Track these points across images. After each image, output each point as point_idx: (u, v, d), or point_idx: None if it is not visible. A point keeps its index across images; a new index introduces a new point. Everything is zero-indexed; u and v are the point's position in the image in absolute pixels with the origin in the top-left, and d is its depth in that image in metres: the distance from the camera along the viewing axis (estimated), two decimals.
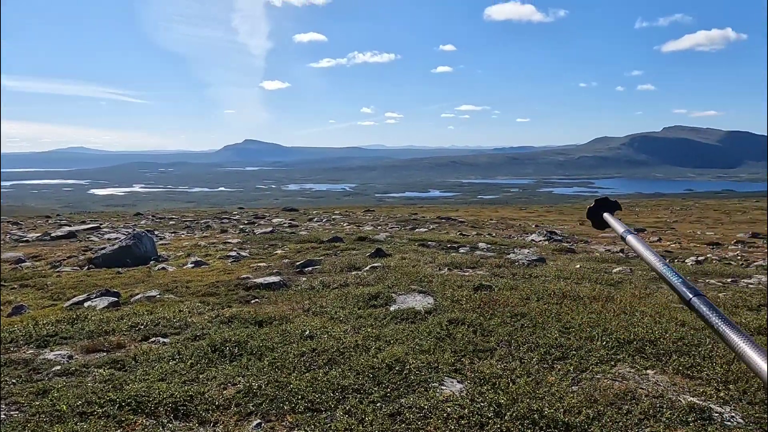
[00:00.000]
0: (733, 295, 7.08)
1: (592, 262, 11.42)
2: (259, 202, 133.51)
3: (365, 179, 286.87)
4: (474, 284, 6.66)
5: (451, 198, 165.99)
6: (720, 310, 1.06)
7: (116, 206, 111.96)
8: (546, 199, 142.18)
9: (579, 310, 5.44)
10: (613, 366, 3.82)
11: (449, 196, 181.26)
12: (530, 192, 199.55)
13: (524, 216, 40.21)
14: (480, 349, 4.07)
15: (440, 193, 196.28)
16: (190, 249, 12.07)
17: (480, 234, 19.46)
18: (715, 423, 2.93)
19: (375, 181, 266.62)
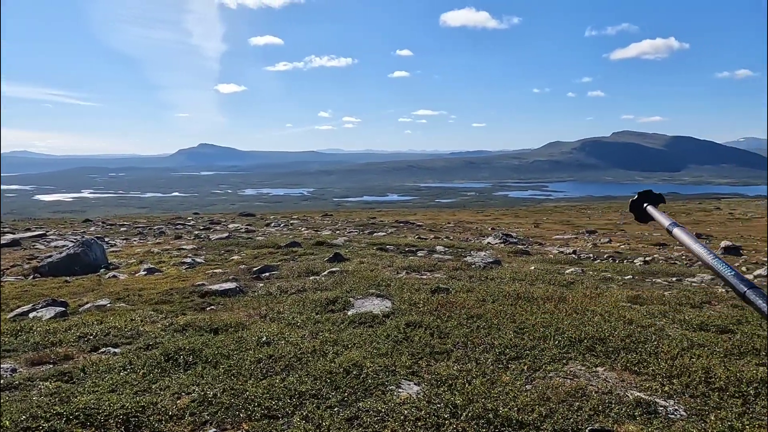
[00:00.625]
0: (678, 293, 7.38)
1: (546, 263, 11.70)
2: (215, 207, 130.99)
3: (323, 183, 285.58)
4: (431, 287, 6.73)
5: (409, 202, 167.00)
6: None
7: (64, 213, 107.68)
8: (502, 203, 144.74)
9: (533, 310, 5.57)
10: (565, 364, 3.93)
11: (407, 200, 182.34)
12: (486, 195, 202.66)
13: (481, 219, 40.84)
14: (437, 351, 4.12)
15: (398, 197, 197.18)
16: (143, 256, 11.75)
17: (438, 237, 19.66)
18: (660, 416, 3.06)
19: (333, 186, 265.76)
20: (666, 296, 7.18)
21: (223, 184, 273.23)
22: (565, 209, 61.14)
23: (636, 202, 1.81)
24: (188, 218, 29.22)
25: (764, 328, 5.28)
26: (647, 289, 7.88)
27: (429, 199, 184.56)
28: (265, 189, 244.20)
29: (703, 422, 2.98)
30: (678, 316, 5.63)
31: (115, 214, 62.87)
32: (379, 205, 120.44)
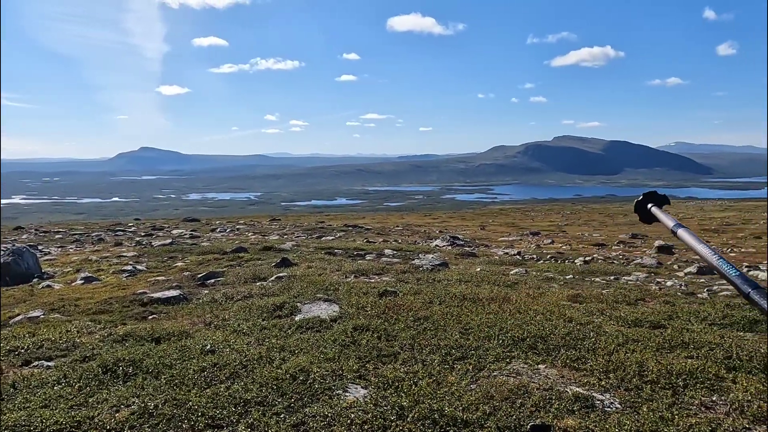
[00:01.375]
0: (614, 291, 7.70)
1: (492, 265, 11.96)
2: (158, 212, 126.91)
3: (271, 188, 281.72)
4: (379, 290, 6.77)
5: (357, 205, 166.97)
6: None
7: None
8: (449, 206, 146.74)
9: (478, 311, 5.69)
10: (508, 363, 4.04)
11: (356, 203, 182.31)
12: (434, 198, 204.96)
13: (429, 222, 41.31)
14: (384, 354, 4.14)
15: (347, 201, 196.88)
16: (80, 264, 11.26)
17: (386, 241, 19.75)
18: (596, 410, 3.19)
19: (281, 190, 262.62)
20: (604, 294, 7.48)
21: (166, 188, 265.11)
22: (510, 211, 62.66)
23: (641, 202, 1.80)
24: (129, 224, 28.20)
25: (693, 323, 5.59)
26: (586, 288, 8.18)
27: (377, 202, 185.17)
28: (210, 193, 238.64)
29: (636, 414, 3.12)
30: (615, 313, 5.88)
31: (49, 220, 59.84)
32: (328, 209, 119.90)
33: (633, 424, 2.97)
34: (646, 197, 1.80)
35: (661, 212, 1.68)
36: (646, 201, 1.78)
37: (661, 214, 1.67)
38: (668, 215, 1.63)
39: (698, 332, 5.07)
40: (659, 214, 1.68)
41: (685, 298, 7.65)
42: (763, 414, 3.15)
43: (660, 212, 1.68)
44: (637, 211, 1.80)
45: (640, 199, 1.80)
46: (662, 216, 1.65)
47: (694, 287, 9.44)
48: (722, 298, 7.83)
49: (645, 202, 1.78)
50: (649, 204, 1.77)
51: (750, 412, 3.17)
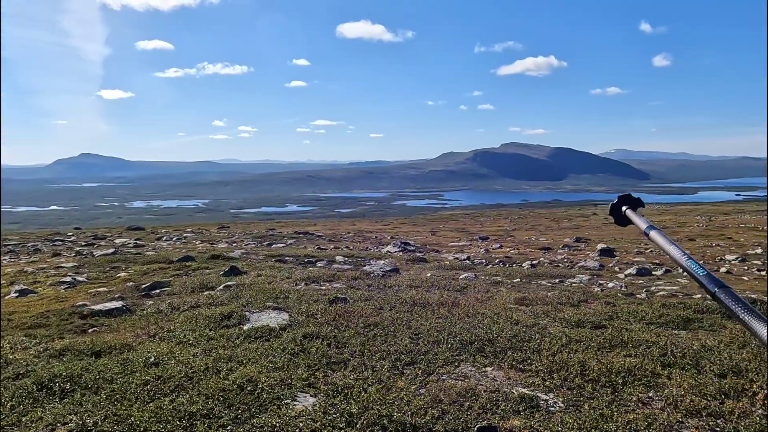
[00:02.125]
0: (559, 294, 7.93)
1: (442, 270, 12.10)
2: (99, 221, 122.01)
3: (219, 195, 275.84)
4: (330, 297, 6.73)
5: (308, 212, 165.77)
6: (743, 300, 1.08)
7: None
8: (400, 212, 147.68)
9: (428, 316, 5.75)
10: (457, 366, 4.09)
11: (307, 210, 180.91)
12: (386, 205, 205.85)
13: (380, 228, 41.42)
14: (334, 361, 4.12)
15: (298, 208, 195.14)
16: (14, 276, 10.70)
17: (337, 247, 19.68)
18: (541, 410, 3.27)
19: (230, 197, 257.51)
20: (549, 297, 7.70)
21: (108, 196, 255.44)
22: (460, 217, 63.62)
23: (616, 205, 1.82)
24: (68, 234, 27.00)
25: (631, 322, 5.83)
26: (533, 291, 8.39)
27: (329, 209, 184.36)
28: (155, 201, 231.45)
29: (578, 412, 3.23)
30: (559, 315, 6.06)
31: None
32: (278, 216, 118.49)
33: (575, 422, 3.06)
34: (621, 200, 1.82)
35: (635, 215, 1.71)
36: (621, 204, 1.80)
37: (635, 217, 1.70)
38: (641, 218, 1.66)
39: (636, 331, 5.28)
40: (633, 217, 1.71)
41: (624, 298, 7.97)
42: (695, 407, 3.32)
43: (634, 215, 1.72)
44: (611, 213, 1.83)
45: (615, 202, 1.82)
46: (636, 218, 1.69)
47: (634, 288, 9.84)
48: (659, 298, 8.20)
49: (619, 205, 1.80)
50: (624, 207, 1.80)
51: (683, 406, 3.33)
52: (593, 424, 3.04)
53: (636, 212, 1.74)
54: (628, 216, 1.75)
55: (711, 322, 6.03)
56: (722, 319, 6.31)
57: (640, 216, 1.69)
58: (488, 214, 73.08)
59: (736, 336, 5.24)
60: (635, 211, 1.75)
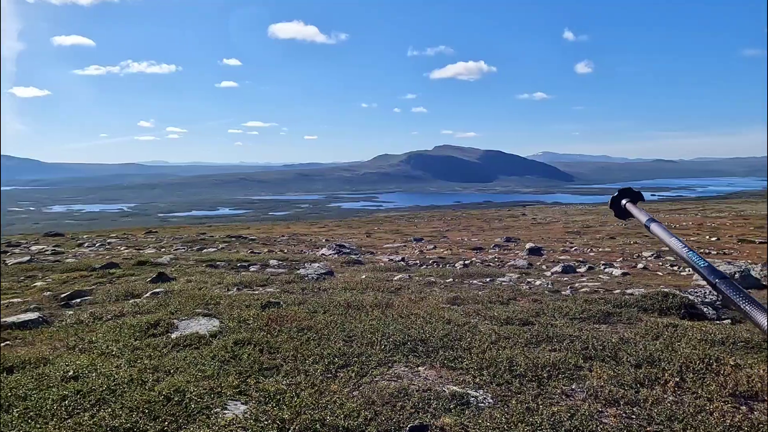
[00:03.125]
0: (490, 292, 8.16)
1: (377, 271, 12.16)
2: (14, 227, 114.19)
3: (146, 198, 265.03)
4: (262, 302, 6.62)
5: (241, 215, 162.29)
6: (743, 290, 1.10)
7: None
8: (335, 214, 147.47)
9: (362, 318, 5.76)
10: (390, 367, 4.13)
11: (240, 213, 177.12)
12: (320, 207, 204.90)
13: (315, 231, 41.14)
14: (266, 367, 4.06)
15: (230, 211, 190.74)
16: None
17: (272, 251, 19.38)
18: (471, 406, 3.36)
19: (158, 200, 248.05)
20: (480, 296, 7.90)
21: (23, 200, 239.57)
22: (395, 219, 64.22)
23: (616, 198, 1.82)
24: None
25: (556, 318, 6.08)
26: (465, 291, 8.59)
27: (262, 212, 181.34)
28: (76, 205, 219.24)
29: (506, 407, 3.33)
30: (489, 313, 6.24)
31: None
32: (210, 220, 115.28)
33: (503, 416, 3.16)
34: (621, 194, 1.83)
35: (635, 208, 1.72)
36: (621, 197, 1.81)
37: (635, 210, 1.71)
38: (642, 211, 1.67)
39: (561, 327, 5.52)
40: (633, 210, 1.72)
41: (551, 295, 8.30)
42: (613, 397, 3.50)
43: (634, 208, 1.73)
44: (612, 207, 1.84)
45: (615, 195, 1.83)
46: (636, 211, 1.70)
47: (559, 285, 10.27)
48: (582, 294, 8.60)
49: (619, 199, 1.81)
50: (624, 200, 1.80)
51: (603, 397, 3.51)
52: (520, 417, 3.14)
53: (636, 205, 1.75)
54: (629, 209, 1.75)
55: (629, 315, 6.39)
56: (638, 312, 6.71)
57: (640, 209, 1.70)
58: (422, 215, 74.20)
59: (651, 328, 5.58)
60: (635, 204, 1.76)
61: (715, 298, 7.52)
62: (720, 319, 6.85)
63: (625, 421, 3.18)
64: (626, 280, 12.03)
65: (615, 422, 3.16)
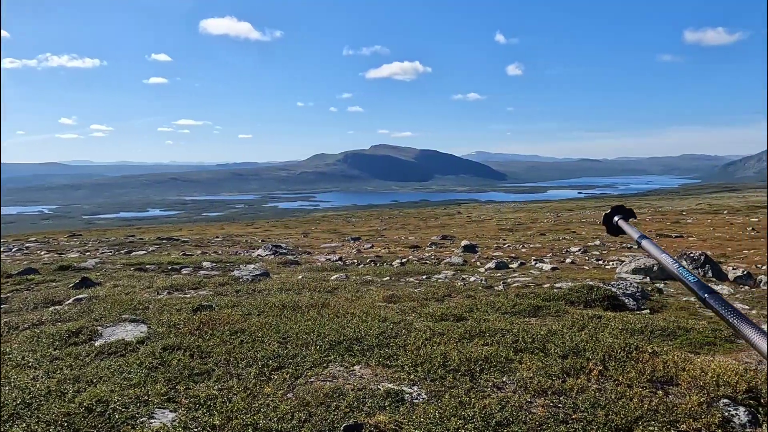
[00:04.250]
0: (425, 290, 8.27)
1: (314, 272, 12.08)
2: None
3: (69, 200, 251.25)
4: (194, 306, 6.42)
5: (173, 217, 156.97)
6: (731, 305, 1.12)
7: None
8: (272, 214, 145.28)
9: (297, 319, 5.70)
10: (325, 368, 4.10)
11: (171, 215, 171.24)
12: (256, 207, 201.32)
13: (251, 232, 40.36)
14: (197, 372, 3.93)
15: (161, 212, 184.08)
16: None
17: (205, 253, 18.85)
18: (406, 403, 3.39)
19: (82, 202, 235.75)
20: (416, 293, 7.99)
21: None
22: (332, 218, 64.03)
23: (608, 215, 1.85)
24: None
25: (489, 313, 6.24)
26: (401, 288, 8.66)
27: (195, 212, 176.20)
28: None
29: (440, 402, 3.38)
30: (424, 310, 6.32)
31: None
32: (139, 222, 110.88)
33: (436, 411, 3.21)
34: (614, 211, 1.86)
35: (627, 225, 1.76)
36: (614, 214, 1.85)
37: (627, 227, 1.74)
38: (633, 228, 1.71)
39: (493, 321, 5.67)
40: (625, 227, 1.76)
41: (484, 291, 8.51)
42: (542, 387, 3.63)
43: (626, 225, 1.76)
44: (604, 223, 1.87)
45: (608, 212, 1.87)
46: (627, 228, 1.73)
47: (492, 281, 10.55)
48: (514, 289, 8.87)
49: (612, 215, 1.85)
50: (616, 217, 1.84)
51: (532, 387, 3.63)
52: (453, 411, 3.20)
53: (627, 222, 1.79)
54: (620, 226, 1.79)
55: (557, 308, 6.65)
56: (566, 305, 6.99)
57: (631, 226, 1.74)
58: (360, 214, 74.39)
59: (577, 320, 5.83)
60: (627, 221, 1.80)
61: (636, 289, 7.95)
62: (640, 310, 7.25)
63: (552, 410, 3.30)
64: (555, 274, 12.51)
65: (543, 411, 3.28)
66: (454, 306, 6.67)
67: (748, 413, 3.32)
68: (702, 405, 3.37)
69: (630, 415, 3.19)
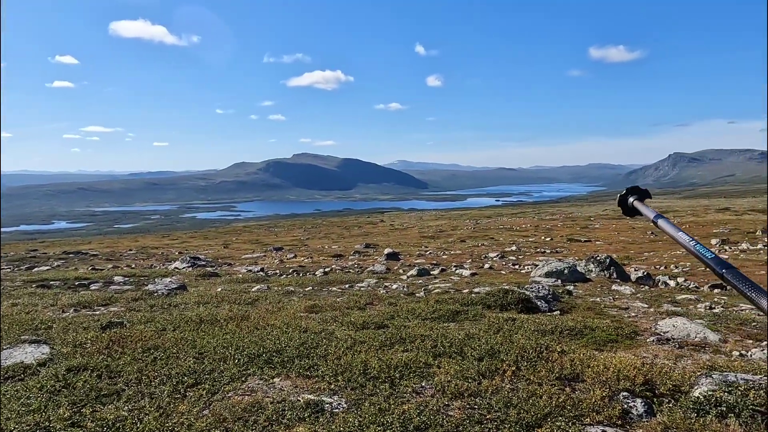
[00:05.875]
0: (348, 299, 8.29)
1: (234, 283, 11.78)
2: None
3: None
4: (103, 323, 6.09)
5: (82, 229, 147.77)
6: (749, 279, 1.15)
7: None
8: (190, 225, 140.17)
9: (215, 332, 5.54)
10: (244, 381, 4.01)
11: (79, 227, 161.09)
12: (173, 218, 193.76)
13: (167, 243, 38.75)
14: (105, 393, 3.73)
15: (68, 225, 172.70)
16: None
17: (117, 267, 17.91)
18: (326, 413, 3.38)
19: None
20: (338, 302, 7.99)
21: None
22: (254, 228, 62.71)
23: (623, 197, 1.86)
24: None
25: (410, 320, 6.35)
26: (323, 298, 8.63)
27: (106, 224, 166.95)
28: None
29: (359, 410, 3.40)
30: (346, 319, 6.33)
31: None
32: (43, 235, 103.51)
33: (356, 419, 3.22)
34: (629, 191, 1.88)
35: (642, 205, 1.78)
36: (629, 195, 1.87)
37: (642, 207, 1.77)
38: (648, 208, 1.73)
39: (413, 327, 5.77)
40: (640, 207, 1.78)
41: (406, 298, 8.65)
42: (459, 390, 3.74)
43: (641, 205, 1.78)
44: (620, 204, 1.88)
45: (623, 193, 1.89)
46: (643, 208, 1.76)
47: (414, 288, 10.73)
48: (434, 295, 9.06)
49: (627, 197, 1.87)
50: (631, 198, 1.86)
51: (449, 391, 3.73)
52: (372, 419, 3.23)
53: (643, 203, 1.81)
54: (636, 206, 1.81)
55: (475, 312, 6.87)
56: (483, 309, 7.23)
57: (646, 206, 1.76)
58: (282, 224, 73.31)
59: (493, 323, 6.05)
60: (642, 201, 1.82)
61: (548, 292, 8.36)
62: (551, 311, 7.63)
63: (468, 411, 3.41)
64: (474, 279, 12.92)
65: (459, 414, 3.37)
66: (375, 314, 6.73)
67: (645, 404, 3.58)
68: (604, 399, 3.60)
69: (540, 412, 3.35)
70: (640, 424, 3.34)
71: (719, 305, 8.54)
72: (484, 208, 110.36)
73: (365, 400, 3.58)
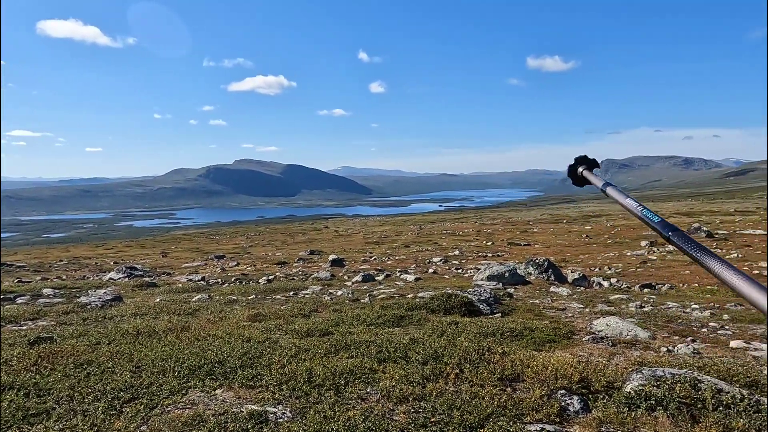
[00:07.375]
0: (292, 306, 8.20)
1: (173, 293, 11.43)
2: None
3: None
4: (30, 338, 5.76)
5: (6, 240, 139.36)
6: (694, 240, 1.18)
7: None
8: (126, 234, 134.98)
9: (153, 345, 5.35)
10: (184, 394, 3.89)
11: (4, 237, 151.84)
12: (108, 227, 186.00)
13: (101, 253, 37.10)
14: (33, 413, 3.53)
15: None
16: None
17: (46, 278, 16.98)
18: (270, 423, 3.32)
19: None
20: (282, 310, 7.89)
21: None
22: (195, 236, 60.95)
23: (572, 167, 1.90)
24: None
25: (355, 326, 6.34)
26: (267, 306, 8.50)
27: (34, 234, 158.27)
28: None
29: (304, 419, 3.37)
30: (290, 327, 6.25)
31: None
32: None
33: (301, 428, 3.19)
34: (578, 161, 1.92)
35: (591, 174, 1.83)
36: (578, 165, 1.91)
37: (591, 176, 1.82)
38: (597, 177, 1.78)
39: (358, 333, 5.77)
40: (589, 176, 1.83)
41: (350, 304, 8.63)
42: (403, 395, 3.76)
43: (590, 174, 1.83)
44: (569, 175, 1.92)
45: (572, 164, 1.92)
46: (592, 178, 1.80)
47: (359, 294, 10.73)
48: (379, 300, 9.10)
49: (576, 166, 1.91)
50: (581, 168, 1.90)
51: (394, 395, 3.75)
52: (317, 427, 3.20)
53: (592, 172, 1.86)
54: (585, 176, 1.86)
55: (419, 317, 6.94)
56: (427, 313, 7.32)
57: (595, 175, 1.81)
58: (224, 231, 71.64)
59: (437, 327, 6.13)
60: (591, 171, 1.87)
61: (489, 295, 8.56)
62: (493, 314, 7.81)
63: (414, 415, 3.44)
64: (418, 284, 13.05)
65: (404, 418, 3.40)
66: (320, 321, 6.68)
67: (581, 401, 3.73)
68: (543, 397, 3.72)
69: (482, 413, 3.42)
70: (577, 420, 3.47)
71: (649, 304, 8.99)
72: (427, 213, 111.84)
73: (310, 408, 3.55)
